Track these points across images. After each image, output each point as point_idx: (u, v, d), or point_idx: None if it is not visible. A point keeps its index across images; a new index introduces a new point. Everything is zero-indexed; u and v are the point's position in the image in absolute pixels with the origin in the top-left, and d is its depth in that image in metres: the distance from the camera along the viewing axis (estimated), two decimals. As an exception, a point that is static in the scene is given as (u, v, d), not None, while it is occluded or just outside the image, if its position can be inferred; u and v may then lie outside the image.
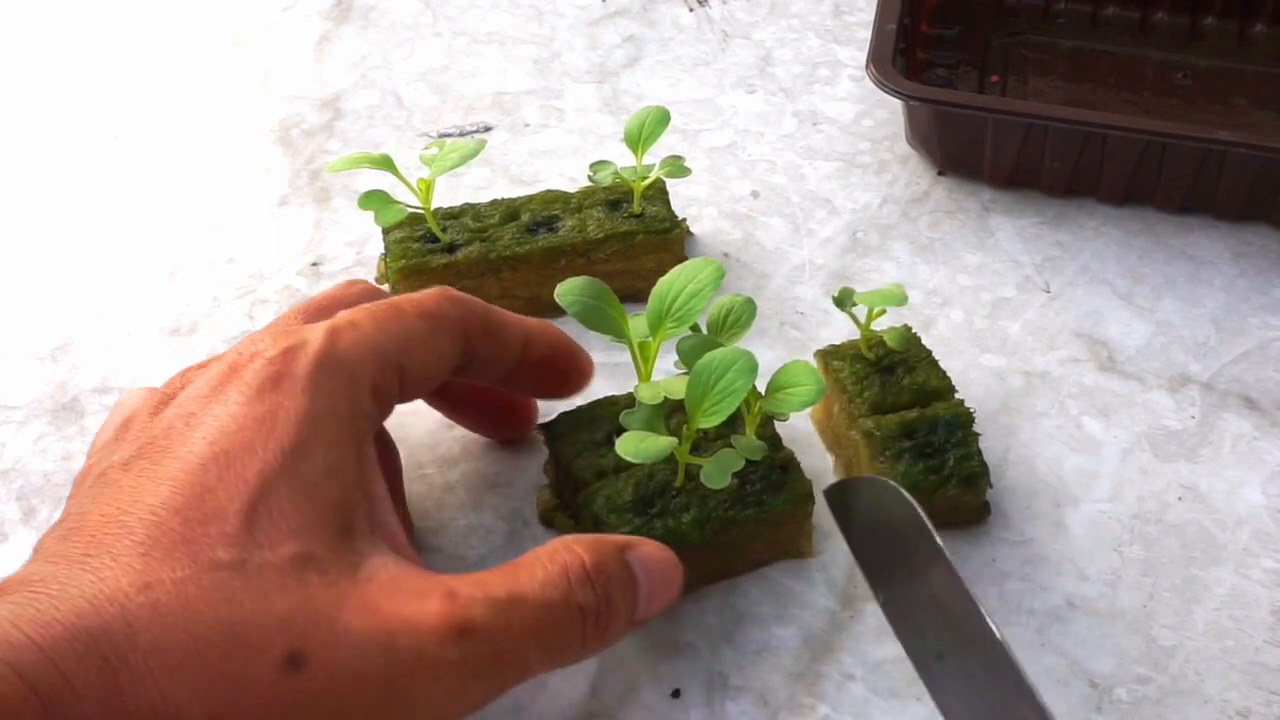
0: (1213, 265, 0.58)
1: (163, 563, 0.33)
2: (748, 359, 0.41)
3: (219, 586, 0.33)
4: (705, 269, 0.44)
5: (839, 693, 0.43)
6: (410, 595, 0.35)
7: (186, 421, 0.36)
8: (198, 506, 0.34)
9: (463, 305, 0.42)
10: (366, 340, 0.38)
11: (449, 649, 0.34)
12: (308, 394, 0.36)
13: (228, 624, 0.32)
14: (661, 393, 0.44)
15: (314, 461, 0.35)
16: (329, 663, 0.33)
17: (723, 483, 0.42)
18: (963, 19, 0.68)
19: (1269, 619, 0.45)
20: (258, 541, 0.34)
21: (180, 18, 0.72)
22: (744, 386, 0.41)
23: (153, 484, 0.34)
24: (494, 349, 0.43)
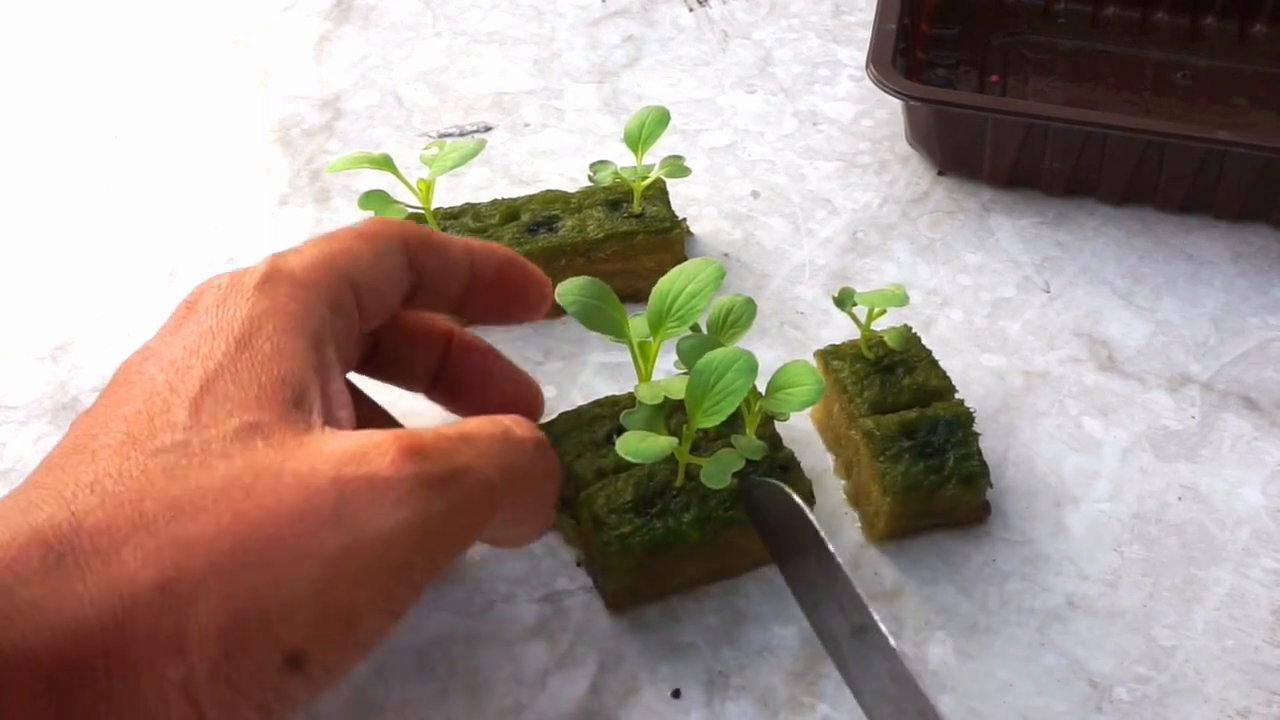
0: (1213, 265, 0.58)
1: (109, 461, 0.33)
2: (747, 359, 0.41)
3: (165, 467, 0.32)
4: (705, 269, 0.44)
5: (839, 693, 0.43)
6: (358, 437, 0.34)
7: (142, 356, 0.37)
8: (145, 409, 0.34)
9: (398, 224, 0.42)
10: (308, 257, 0.39)
11: (404, 468, 0.33)
12: (252, 300, 0.36)
13: (171, 495, 0.32)
14: (662, 393, 0.44)
15: (260, 346, 0.35)
16: (277, 511, 0.32)
17: (723, 483, 0.42)
18: (963, 19, 0.68)
19: (1269, 619, 0.45)
20: (202, 423, 0.33)
21: (180, 18, 0.72)
22: (744, 386, 0.41)
23: (110, 408, 0.35)
24: (439, 265, 0.42)
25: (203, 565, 0.31)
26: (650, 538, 0.43)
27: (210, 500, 0.32)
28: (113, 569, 0.30)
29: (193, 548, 0.31)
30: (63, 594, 0.30)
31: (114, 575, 0.30)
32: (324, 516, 0.32)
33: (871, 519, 0.47)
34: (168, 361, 0.35)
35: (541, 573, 0.46)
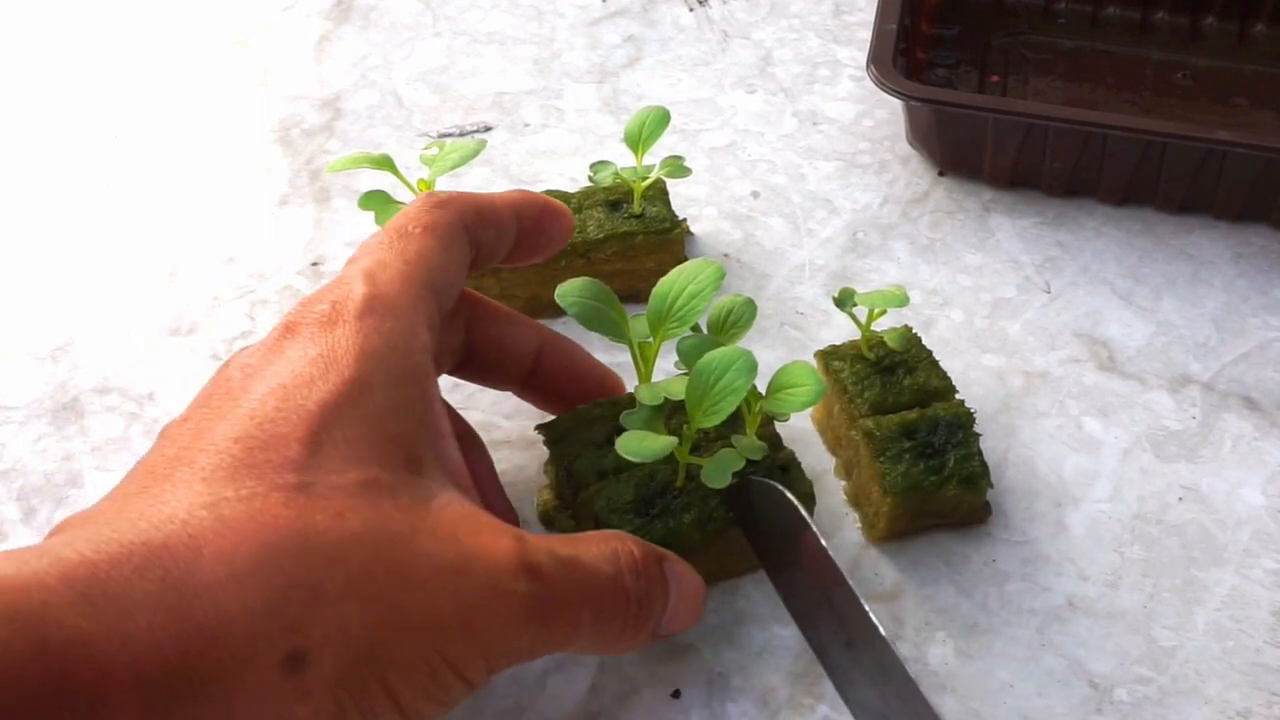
0: (1213, 265, 0.58)
1: (225, 483, 0.32)
2: (747, 358, 0.41)
3: (289, 503, 0.32)
4: (705, 269, 0.44)
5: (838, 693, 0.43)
6: (484, 529, 0.35)
7: (244, 373, 0.36)
8: (258, 434, 0.33)
9: (456, 205, 0.42)
10: (397, 272, 0.38)
11: (519, 583, 0.34)
12: (361, 333, 0.36)
13: (301, 535, 0.32)
14: (662, 393, 0.44)
15: (375, 396, 0.35)
16: (407, 579, 0.33)
17: (723, 482, 0.42)
18: (963, 19, 0.68)
19: (1269, 619, 0.45)
20: (323, 467, 0.33)
21: (180, 18, 0.72)
22: (744, 386, 0.41)
23: (213, 423, 0.34)
24: (493, 233, 0.43)
25: (331, 616, 0.31)
26: (650, 538, 0.42)
27: (341, 551, 0.32)
28: (236, 600, 0.30)
29: (322, 596, 0.31)
30: (183, 620, 0.30)
31: (239, 607, 0.30)
32: (446, 597, 0.33)
33: (872, 519, 0.47)
34: (276, 384, 0.35)
35: (541, 573, 0.46)
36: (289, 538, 0.31)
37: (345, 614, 0.32)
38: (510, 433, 0.50)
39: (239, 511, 0.32)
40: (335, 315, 0.37)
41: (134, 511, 0.31)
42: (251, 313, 0.55)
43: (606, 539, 0.38)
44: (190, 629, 0.30)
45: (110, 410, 0.51)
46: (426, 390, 0.37)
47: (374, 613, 0.32)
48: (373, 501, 0.33)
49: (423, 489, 0.35)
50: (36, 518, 0.48)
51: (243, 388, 0.35)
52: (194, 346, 0.54)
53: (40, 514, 0.48)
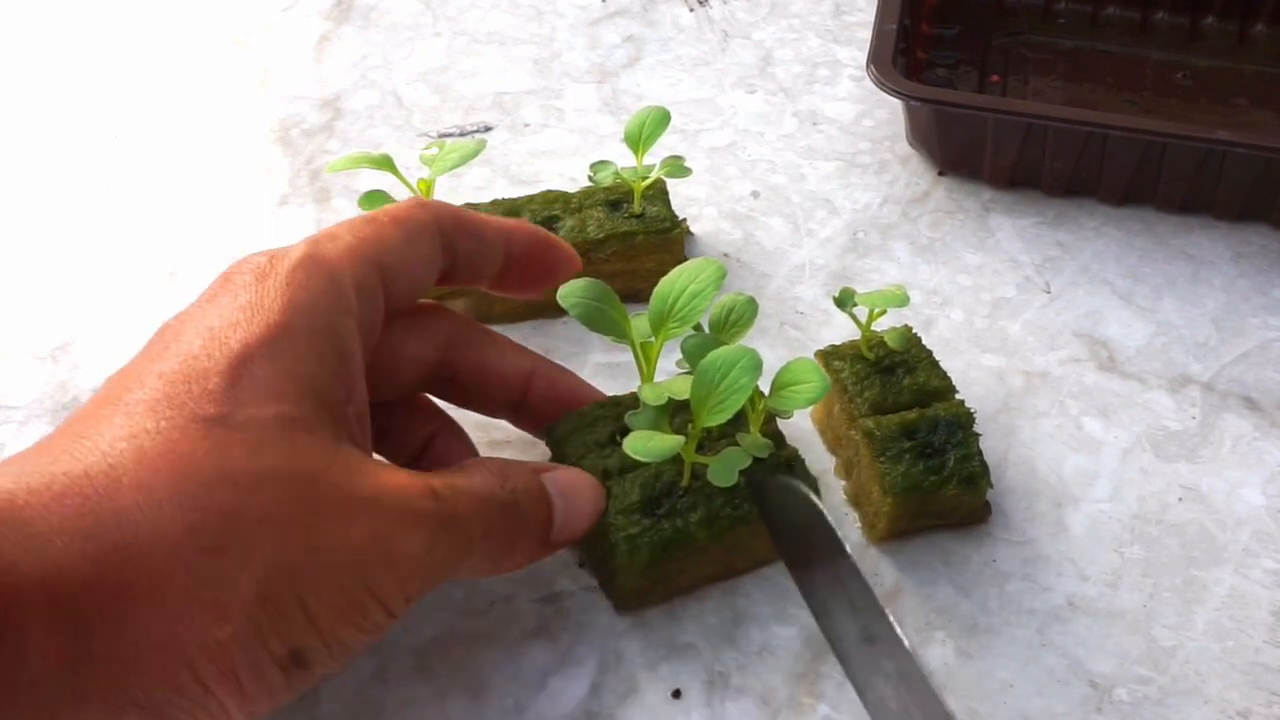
0: (1213, 265, 0.58)
1: (145, 416, 0.33)
2: (751, 356, 0.41)
3: (207, 435, 0.33)
4: (707, 269, 0.44)
5: (839, 693, 0.43)
6: (385, 467, 0.37)
7: (179, 321, 0.38)
8: (180, 369, 0.35)
9: (435, 208, 0.43)
10: (345, 245, 0.40)
11: (425, 501, 0.37)
12: (290, 286, 0.37)
13: (217, 467, 0.33)
14: (665, 393, 0.44)
15: (297, 342, 0.36)
16: (320, 507, 0.34)
17: (730, 480, 0.42)
18: (963, 19, 0.68)
19: (1269, 619, 0.45)
20: (242, 400, 0.34)
21: (180, 18, 0.72)
22: (749, 384, 0.41)
23: (143, 365, 0.36)
24: (475, 245, 0.43)
25: (248, 542, 0.33)
26: (659, 538, 0.43)
27: (256, 481, 0.33)
28: (155, 524, 0.32)
29: (238, 523, 0.33)
30: (98, 540, 0.31)
31: (156, 530, 0.32)
32: (359, 525, 0.35)
33: (872, 519, 0.47)
34: (205, 328, 0.36)
35: (542, 573, 0.46)
36: (206, 468, 0.33)
37: (261, 540, 0.33)
38: (510, 433, 0.50)
39: (158, 443, 0.33)
40: (270, 269, 0.38)
41: (58, 447, 0.33)
42: (251, 313, 0.55)
43: (488, 462, 0.40)
44: (105, 549, 0.31)
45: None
46: (347, 352, 0.38)
47: (290, 539, 0.33)
48: (288, 435, 0.35)
49: (335, 432, 0.36)
50: (36, 518, 0.48)
51: (175, 333, 0.37)
52: (194, 346, 0.54)
53: (40, 514, 0.48)
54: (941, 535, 0.47)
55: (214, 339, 0.36)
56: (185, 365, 0.35)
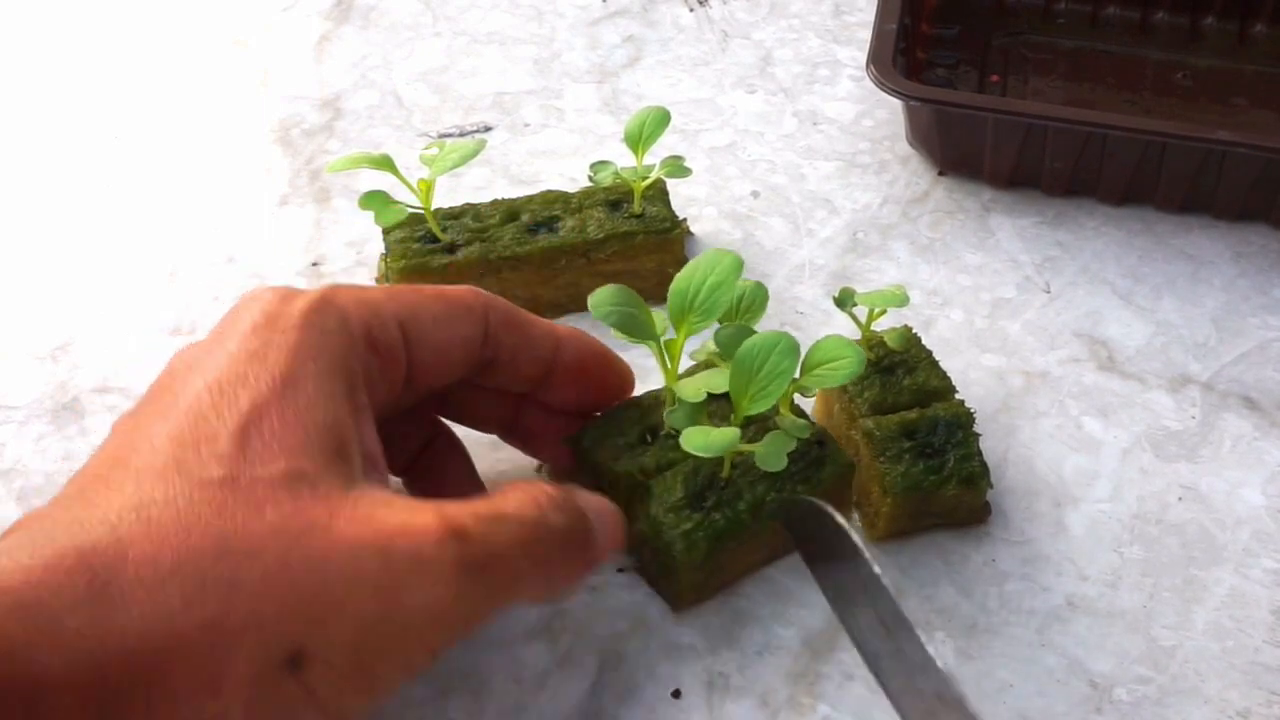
0: (1213, 265, 0.58)
1: (154, 484, 0.33)
2: (788, 341, 0.41)
3: (210, 500, 0.33)
4: (723, 259, 0.44)
5: (839, 693, 0.43)
6: (401, 509, 0.35)
7: (186, 365, 0.37)
8: (190, 431, 0.34)
9: (486, 297, 0.42)
10: (365, 296, 0.39)
11: (445, 549, 0.34)
12: (299, 330, 0.37)
13: (219, 533, 0.32)
14: (703, 389, 0.44)
15: (305, 387, 0.36)
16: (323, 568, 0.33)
17: (780, 464, 0.42)
18: (963, 19, 0.68)
19: (1269, 619, 0.45)
20: (249, 459, 0.34)
21: (180, 18, 0.72)
22: (789, 369, 0.41)
23: (151, 420, 0.35)
24: (520, 344, 0.43)
25: (246, 610, 0.32)
26: (713, 530, 0.43)
27: (258, 545, 0.32)
28: (157, 602, 0.31)
29: (238, 591, 0.32)
30: (107, 623, 0.30)
31: (159, 609, 0.31)
32: (366, 582, 0.33)
33: (871, 519, 0.47)
34: (214, 380, 0.36)
35: (541, 573, 0.46)
36: (207, 536, 0.32)
37: (260, 608, 0.32)
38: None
39: (165, 514, 0.32)
40: (280, 311, 0.37)
41: (70, 515, 0.33)
42: (251, 313, 0.55)
43: (517, 488, 0.38)
44: (114, 633, 0.30)
45: (110, 410, 0.51)
46: (355, 396, 0.37)
47: (290, 605, 0.32)
48: (293, 492, 0.34)
49: (345, 475, 0.35)
50: (36, 518, 0.48)
51: (183, 381, 0.36)
52: (194, 346, 0.54)
53: (40, 514, 0.48)
54: (941, 535, 0.47)
55: (223, 396, 0.35)
56: (195, 426, 0.34)
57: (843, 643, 0.44)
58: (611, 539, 0.41)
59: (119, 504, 0.33)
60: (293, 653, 0.32)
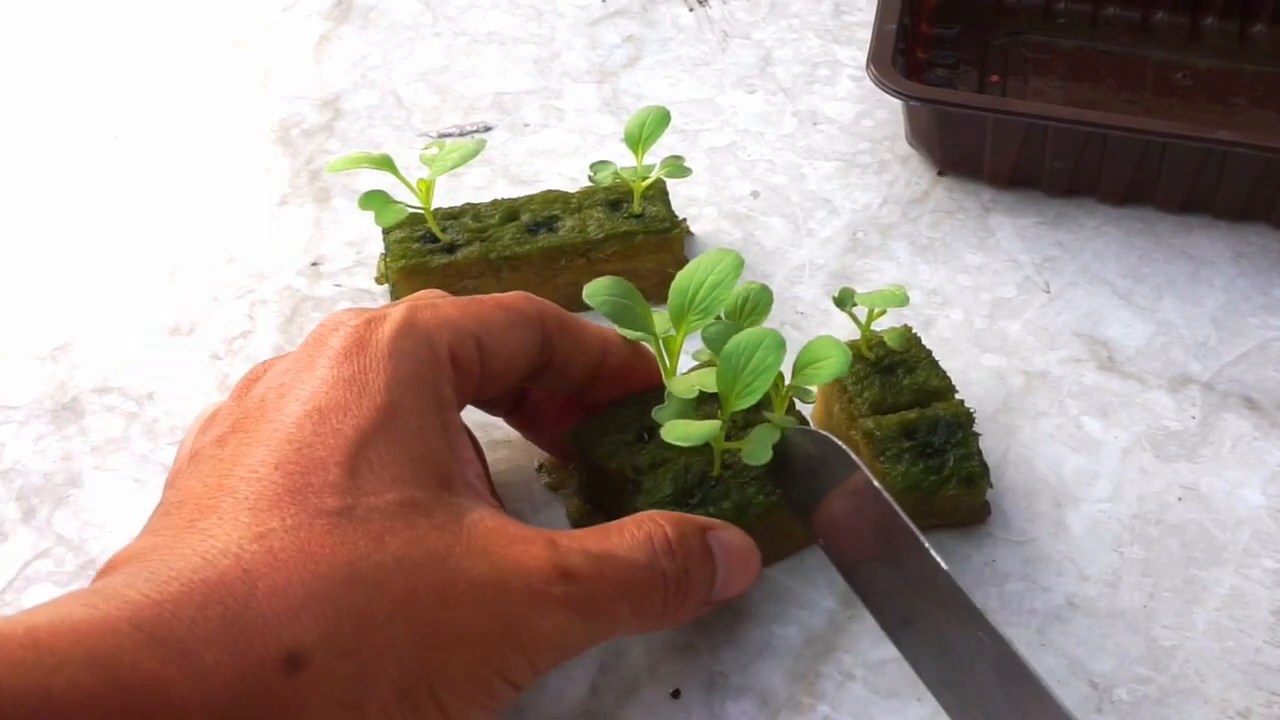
0: (1213, 265, 0.58)
1: (270, 513, 0.33)
2: (774, 336, 0.41)
3: (332, 530, 0.33)
4: (724, 259, 0.44)
5: (839, 693, 0.43)
6: (516, 540, 0.36)
7: (279, 393, 0.37)
8: (297, 460, 0.34)
9: (540, 303, 0.43)
10: (444, 314, 0.40)
11: (554, 587, 0.36)
12: (393, 358, 0.37)
13: (346, 564, 0.33)
14: (695, 386, 0.44)
15: (406, 419, 0.36)
16: (448, 598, 0.34)
17: (765, 457, 0.42)
18: (963, 19, 0.68)
19: (1269, 619, 0.45)
20: (362, 489, 0.34)
21: (180, 18, 0.72)
22: (775, 363, 0.41)
23: (250, 448, 0.35)
24: (572, 348, 0.43)
25: (381, 640, 0.33)
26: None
27: (384, 575, 0.33)
28: (293, 634, 0.32)
29: (370, 621, 0.33)
30: (243, 655, 0.31)
31: (294, 639, 0.32)
32: (486, 612, 0.35)
33: (871, 519, 0.47)
34: (313, 408, 0.36)
35: (541, 573, 0.46)
36: (336, 567, 0.33)
37: (394, 635, 0.33)
38: (510, 433, 0.50)
39: (287, 543, 0.33)
40: (368, 336, 0.38)
41: (187, 547, 0.33)
42: (251, 313, 0.55)
43: (639, 523, 0.39)
44: (252, 664, 0.31)
45: (110, 410, 0.51)
46: (447, 419, 0.38)
47: (420, 632, 0.33)
48: (409, 522, 0.35)
49: (455, 506, 0.36)
50: (36, 518, 0.48)
51: (277, 408, 0.36)
52: (194, 346, 0.54)
53: (40, 514, 0.48)
54: (941, 535, 0.47)
55: (325, 424, 0.35)
56: (301, 455, 0.35)
57: (842, 643, 0.44)
58: (743, 578, 0.41)
59: (238, 535, 0.33)
60: (427, 678, 0.33)
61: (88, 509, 0.48)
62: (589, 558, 0.37)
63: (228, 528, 0.33)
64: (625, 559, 0.38)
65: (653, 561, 0.38)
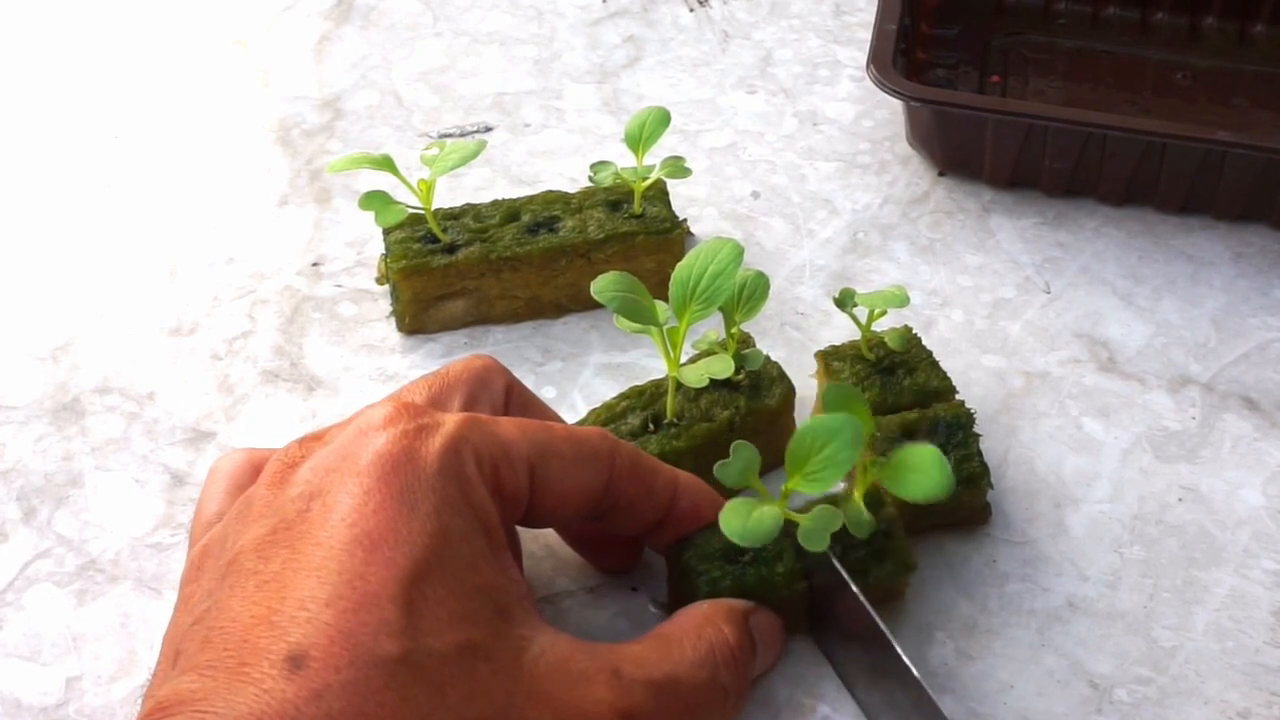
0: (1213, 265, 0.58)
1: (325, 664, 0.31)
2: (854, 429, 0.39)
3: (391, 684, 0.32)
4: (724, 248, 0.44)
5: (839, 693, 0.43)
6: (578, 680, 0.35)
7: (323, 502, 0.35)
8: (349, 595, 0.32)
9: (614, 442, 0.40)
10: (500, 434, 0.38)
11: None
12: (440, 478, 0.35)
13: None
14: (706, 374, 0.43)
15: (458, 548, 0.35)
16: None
17: (822, 545, 0.40)
18: (963, 19, 0.68)
19: (1269, 620, 0.45)
20: (420, 630, 0.33)
21: (180, 18, 0.72)
22: (848, 460, 0.39)
23: (296, 575, 0.33)
24: (640, 493, 0.41)
25: None
26: (741, 585, 0.41)
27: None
28: None
29: None
30: None
31: None
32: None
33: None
34: (361, 532, 0.34)
35: (542, 573, 0.46)
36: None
37: None
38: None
39: (345, 704, 0.31)
40: (416, 448, 0.36)
41: (240, 700, 0.31)
42: (251, 313, 0.55)
43: (701, 631, 0.38)
44: None
45: (110, 410, 0.51)
46: (496, 538, 0.37)
47: None
48: (470, 669, 0.33)
49: (515, 642, 0.35)
50: (36, 518, 0.48)
51: (322, 523, 0.34)
52: (194, 346, 0.54)
53: (40, 514, 0.48)
54: (942, 536, 0.47)
55: (376, 553, 0.33)
56: (354, 589, 0.33)
57: (843, 643, 0.44)
58: (773, 657, 0.41)
59: (292, 691, 0.31)
60: None
61: (88, 509, 0.48)
62: (651, 690, 0.36)
63: (281, 682, 0.31)
64: (689, 682, 0.37)
65: (715, 678, 0.38)
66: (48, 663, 0.43)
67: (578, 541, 0.46)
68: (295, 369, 0.53)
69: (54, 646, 0.44)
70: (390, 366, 0.53)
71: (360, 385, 0.52)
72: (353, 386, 0.52)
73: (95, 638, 0.44)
